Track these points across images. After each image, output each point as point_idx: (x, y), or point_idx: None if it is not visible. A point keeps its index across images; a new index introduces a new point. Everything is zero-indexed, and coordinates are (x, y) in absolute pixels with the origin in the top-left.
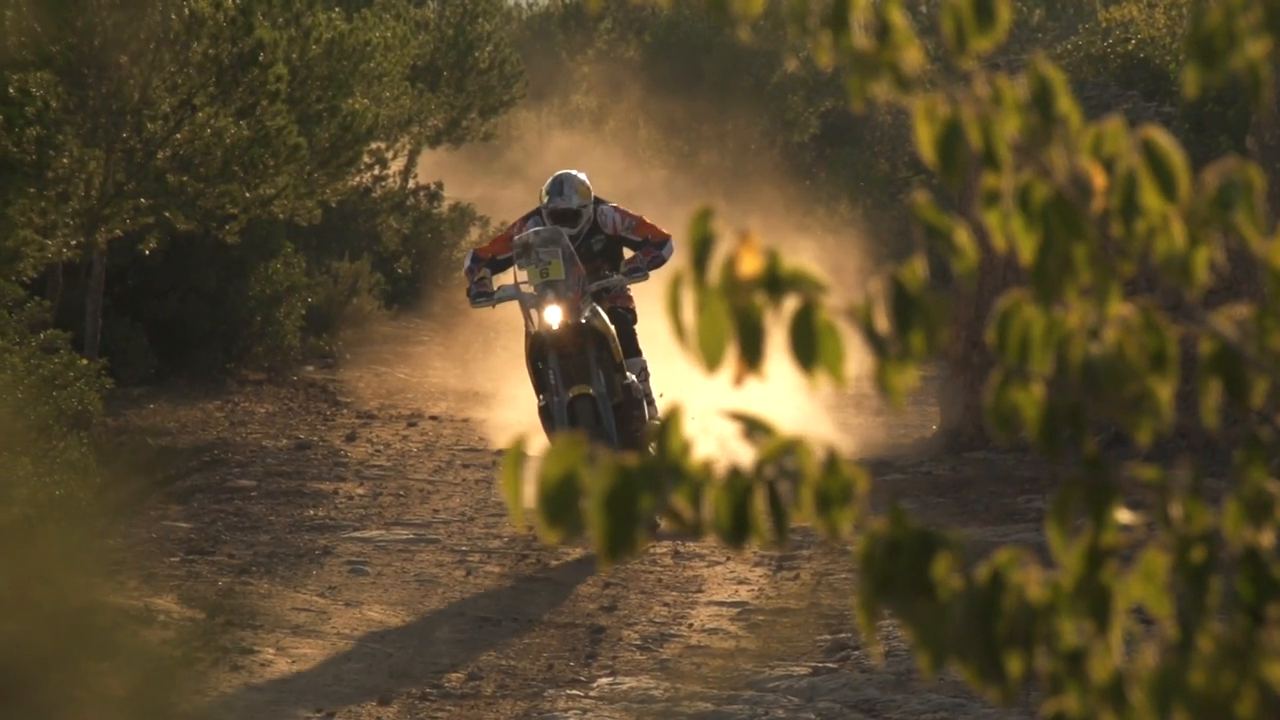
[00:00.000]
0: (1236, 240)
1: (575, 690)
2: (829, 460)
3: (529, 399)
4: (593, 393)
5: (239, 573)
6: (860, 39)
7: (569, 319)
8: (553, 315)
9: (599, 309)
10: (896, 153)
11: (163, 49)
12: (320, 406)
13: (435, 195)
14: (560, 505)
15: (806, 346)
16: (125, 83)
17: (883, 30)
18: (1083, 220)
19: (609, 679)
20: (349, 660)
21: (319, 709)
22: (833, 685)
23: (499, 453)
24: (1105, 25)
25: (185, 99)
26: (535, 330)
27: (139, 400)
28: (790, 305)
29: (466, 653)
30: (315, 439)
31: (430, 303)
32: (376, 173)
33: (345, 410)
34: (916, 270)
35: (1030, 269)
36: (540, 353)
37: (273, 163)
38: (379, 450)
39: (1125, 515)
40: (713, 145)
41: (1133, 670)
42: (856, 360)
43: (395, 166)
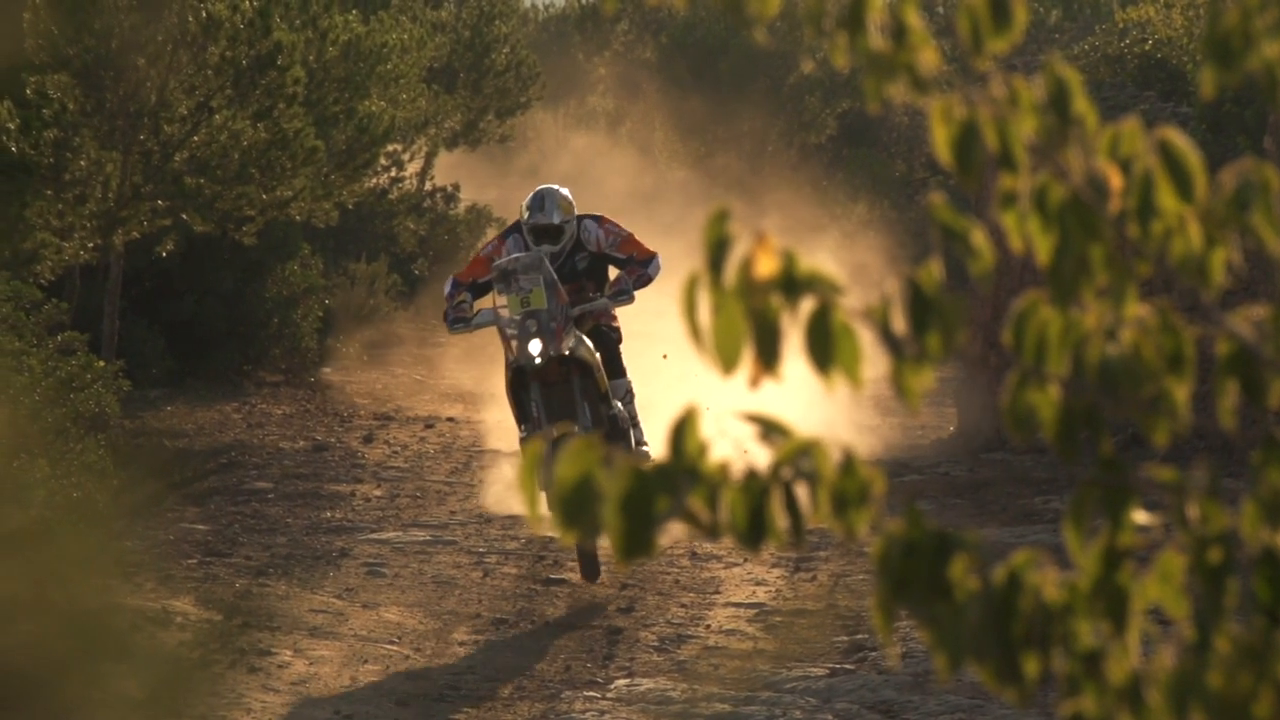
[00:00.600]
0: (1253, 241)
1: (592, 692)
2: (845, 462)
3: None
4: (576, 431)
5: (256, 574)
6: (876, 40)
7: (552, 351)
8: (535, 348)
9: (583, 337)
10: (914, 154)
11: (180, 51)
12: (337, 408)
13: (452, 197)
14: (577, 507)
15: (823, 348)
16: (143, 85)
17: (899, 31)
18: (1099, 221)
19: (626, 680)
20: (366, 662)
21: (336, 711)
22: (850, 686)
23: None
24: (1122, 26)
25: (202, 101)
26: (516, 361)
27: (156, 402)
28: (807, 307)
29: (483, 654)
30: (332, 440)
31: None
32: (393, 174)
33: (362, 412)
34: (933, 272)
35: (1047, 270)
36: (521, 383)
37: (290, 165)
38: (396, 452)
39: (1142, 516)
40: (729, 146)
41: (1150, 671)
42: (873, 362)
43: (412, 168)
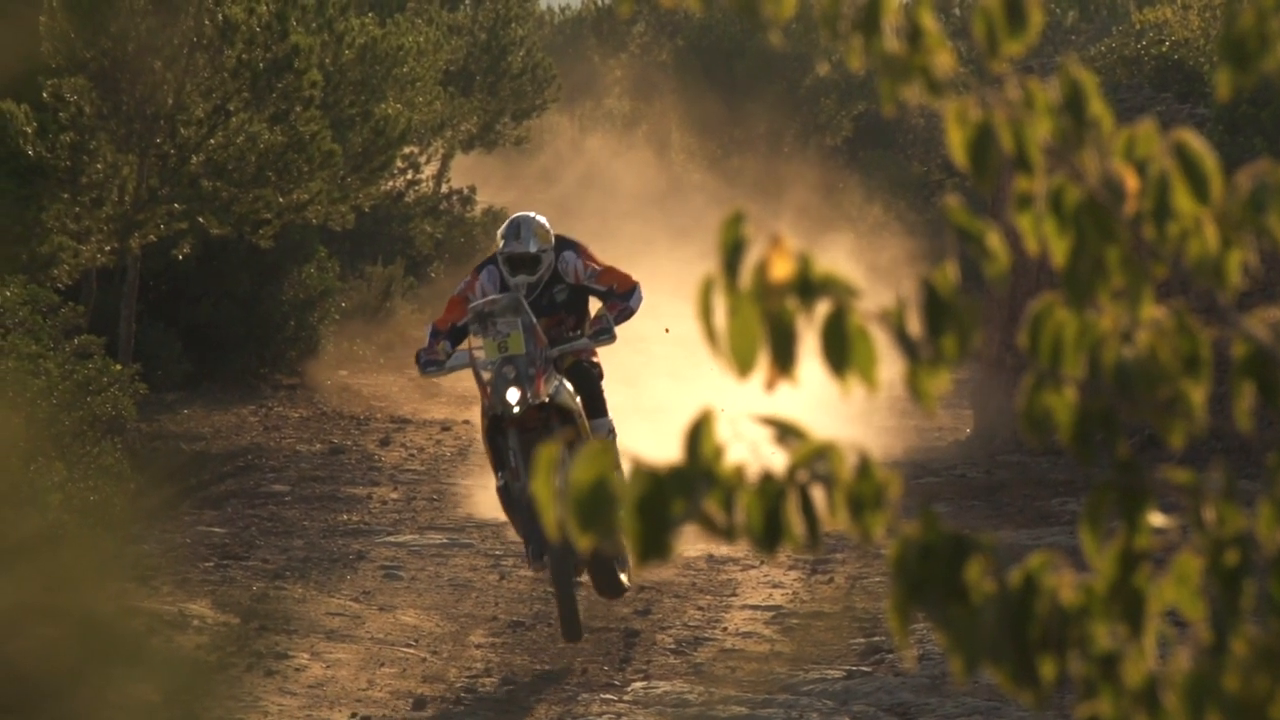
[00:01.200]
0: (1270, 242)
1: (609, 694)
2: (861, 464)
3: None
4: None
5: (273, 577)
6: (892, 43)
7: (531, 399)
8: (513, 396)
9: (564, 381)
10: (930, 155)
11: (197, 54)
12: (354, 411)
13: (468, 199)
14: (593, 510)
15: (838, 351)
16: (159, 88)
17: (914, 34)
18: (1115, 223)
19: (643, 683)
20: (383, 665)
21: (353, 713)
22: (867, 689)
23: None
24: (1139, 27)
25: (219, 104)
26: (493, 409)
27: (173, 405)
28: (822, 309)
29: (500, 657)
30: (349, 443)
31: None
32: (410, 177)
33: (379, 415)
34: (948, 274)
35: (1063, 272)
36: (499, 429)
37: (306, 168)
38: (413, 455)
39: (1158, 518)
40: (745, 148)
41: (1166, 674)
42: (889, 364)
43: (428, 171)
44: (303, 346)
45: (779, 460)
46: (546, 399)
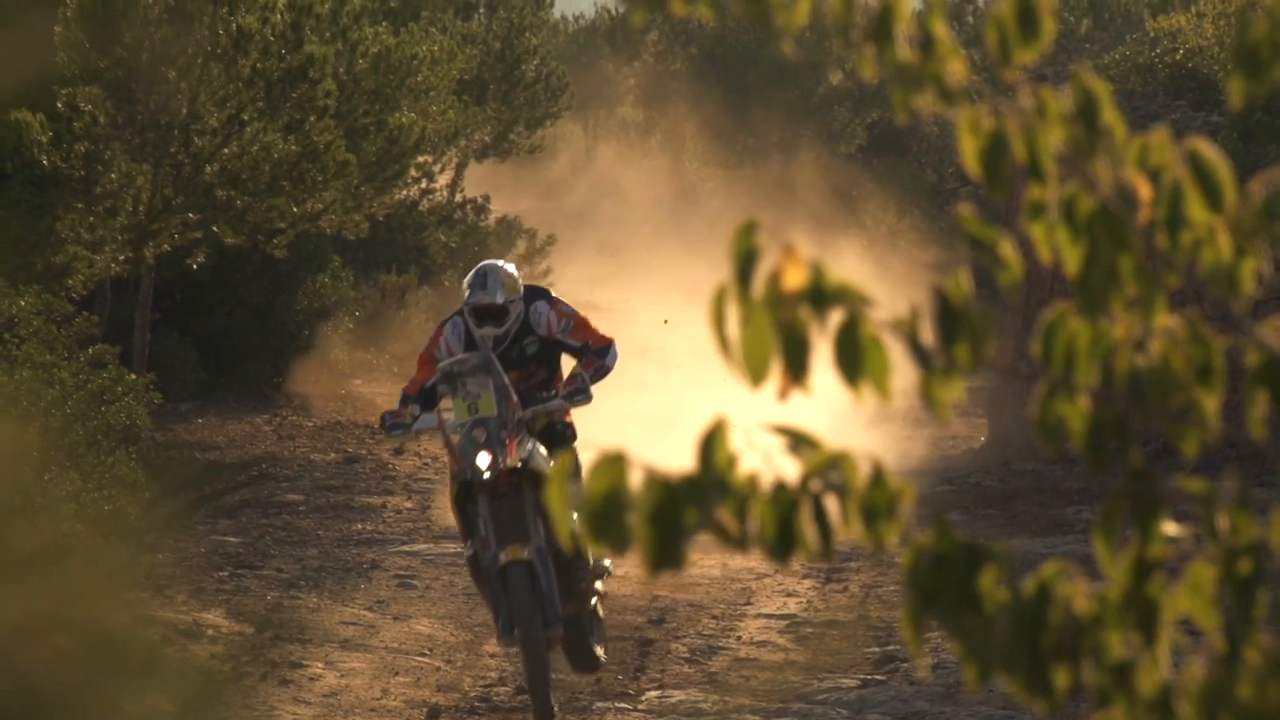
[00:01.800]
0: None
1: (624, 703)
2: (875, 473)
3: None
4: (527, 556)
5: (287, 587)
6: (904, 52)
7: (502, 463)
8: (483, 461)
9: (537, 445)
10: (944, 163)
11: (211, 64)
12: (368, 420)
13: (482, 208)
14: (607, 519)
15: (852, 360)
16: (174, 98)
17: (926, 43)
18: (1128, 232)
19: (657, 692)
20: (397, 674)
21: None
22: (882, 697)
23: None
24: (1153, 35)
25: (234, 114)
26: (462, 474)
27: (187, 415)
28: (835, 318)
29: (514, 666)
30: (363, 452)
31: None
32: (424, 186)
33: None
34: (961, 283)
35: (1076, 281)
36: (468, 495)
37: (320, 177)
38: (427, 463)
39: (1172, 527)
40: (759, 156)
41: (1180, 683)
42: (903, 373)
43: (442, 180)
44: (317, 356)
45: (792, 469)
46: (519, 464)
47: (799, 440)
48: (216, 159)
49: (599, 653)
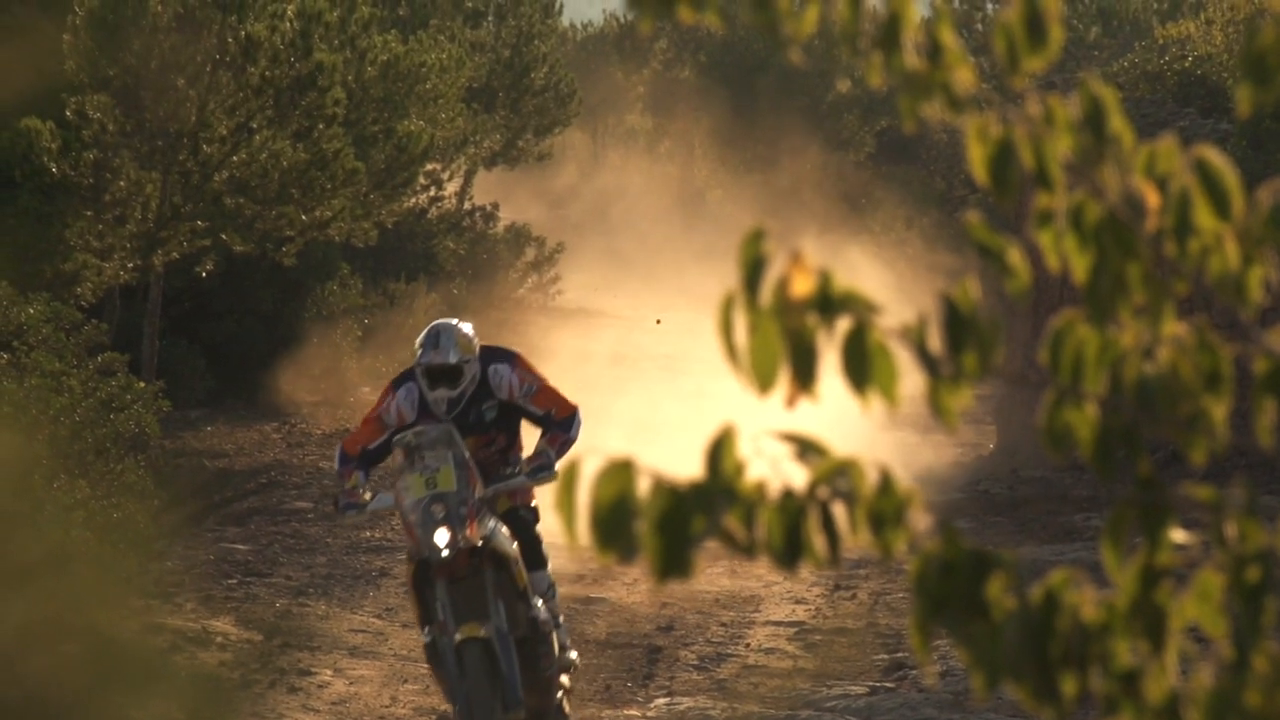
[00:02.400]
0: None
1: (633, 710)
2: (883, 481)
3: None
4: (485, 634)
5: (296, 594)
6: (912, 59)
7: (461, 541)
8: (441, 538)
9: (499, 525)
10: (953, 171)
11: (220, 72)
12: None
13: (491, 216)
14: (614, 527)
15: (859, 367)
16: (182, 105)
17: (934, 50)
18: (1136, 240)
19: (666, 699)
20: (406, 681)
21: None
22: (890, 705)
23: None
24: (1162, 42)
25: (242, 122)
26: (419, 553)
27: (196, 422)
28: (843, 326)
29: None
30: None
31: (486, 323)
32: (432, 194)
33: None
34: (969, 290)
35: (1084, 288)
36: (425, 577)
37: (329, 185)
38: None
39: (1180, 535)
40: (767, 164)
41: (1188, 690)
42: (910, 381)
43: (451, 188)
44: (325, 363)
45: (800, 477)
46: (479, 542)
47: (807, 447)
48: (225, 167)
49: None
